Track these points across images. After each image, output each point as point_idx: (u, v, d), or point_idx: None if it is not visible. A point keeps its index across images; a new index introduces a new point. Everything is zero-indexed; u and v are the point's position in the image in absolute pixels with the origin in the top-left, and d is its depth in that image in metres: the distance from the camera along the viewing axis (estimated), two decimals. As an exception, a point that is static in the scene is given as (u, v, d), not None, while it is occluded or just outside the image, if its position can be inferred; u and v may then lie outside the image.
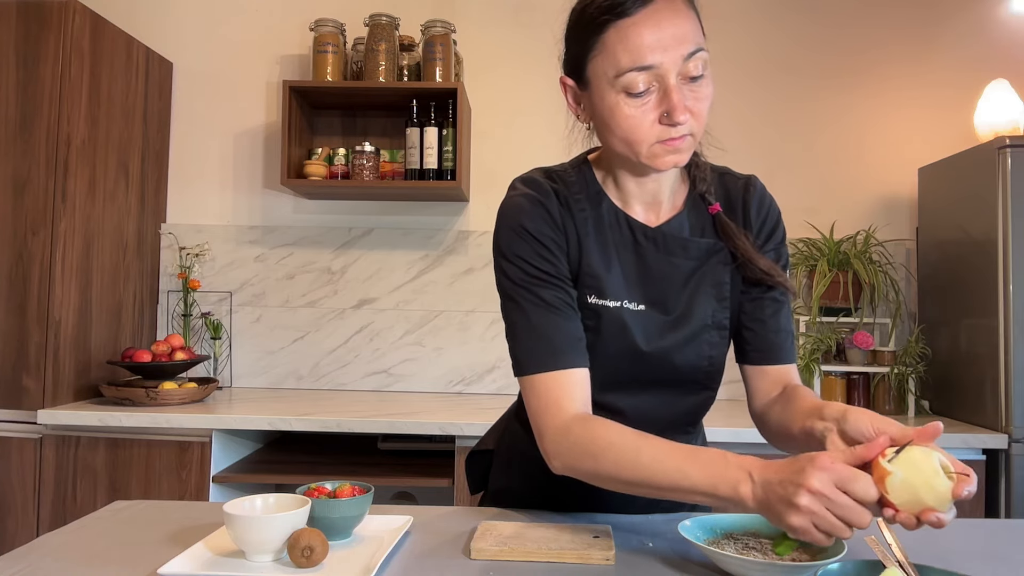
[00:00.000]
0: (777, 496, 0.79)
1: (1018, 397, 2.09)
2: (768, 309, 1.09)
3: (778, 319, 1.09)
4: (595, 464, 0.92)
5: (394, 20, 2.54)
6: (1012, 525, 1.16)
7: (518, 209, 1.03)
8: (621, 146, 0.97)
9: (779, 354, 1.09)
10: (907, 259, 2.71)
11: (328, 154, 2.64)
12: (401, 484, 2.36)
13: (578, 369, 0.99)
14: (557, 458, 0.96)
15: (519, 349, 1.01)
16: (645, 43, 0.91)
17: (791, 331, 1.11)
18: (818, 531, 0.77)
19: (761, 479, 0.81)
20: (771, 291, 1.09)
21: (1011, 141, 2.13)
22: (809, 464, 0.78)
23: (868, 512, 0.76)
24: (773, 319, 1.09)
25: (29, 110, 2.24)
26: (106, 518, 1.07)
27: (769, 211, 1.11)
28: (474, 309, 2.76)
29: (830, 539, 0.77)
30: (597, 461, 0.92)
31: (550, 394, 0.98)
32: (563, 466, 0.96)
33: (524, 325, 1.01)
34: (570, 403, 0.97)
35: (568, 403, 0.97)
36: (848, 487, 0.76)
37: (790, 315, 1.12)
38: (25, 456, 2.17)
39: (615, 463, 0.90)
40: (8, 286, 2.22)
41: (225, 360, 2.77)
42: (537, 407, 0.99)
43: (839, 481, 0.76)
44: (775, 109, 2.76)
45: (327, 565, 0.87)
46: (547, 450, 0.97)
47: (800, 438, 0.94)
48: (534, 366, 0.99)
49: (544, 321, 0.99)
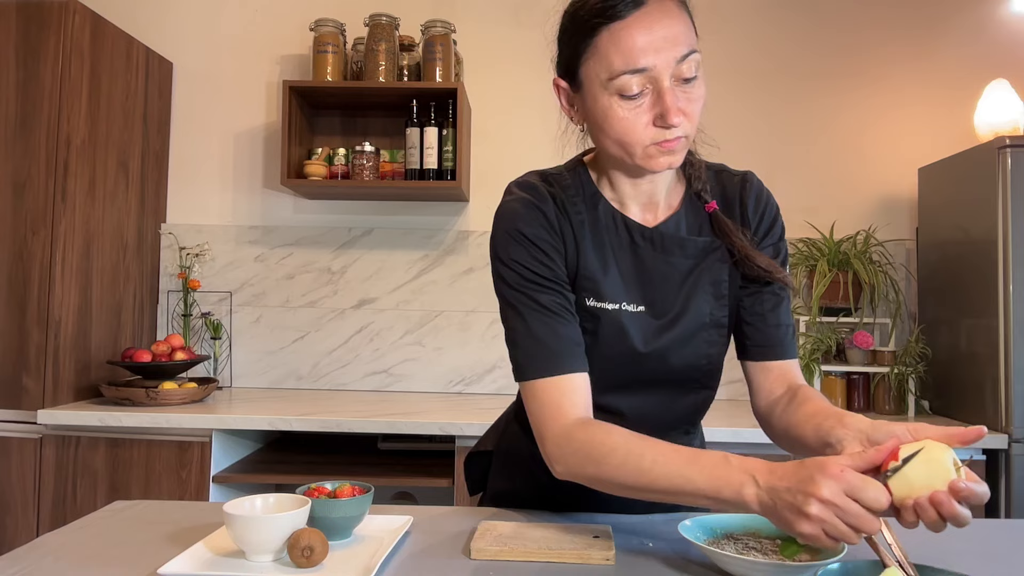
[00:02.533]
0: (786, 504, 0.78)
1: (1018, 397, 2.09)
2: (767, 303, 1.09)
3: (778, 313, 1.09)
4: (597, 469, 0.92)
5: (394, 20, 2.54)
6: (1012, 525, 1.16)
7: (514, 214, 1.03)
8: (615, 148, 0.97)
9: (780, 349, 1.09)
10: (907, 259, 2.71)
11: (328, 154, 2.64)
12: (401, 484, 2.36)
13: (578, 373, 0.99)
14: (559, 463, 0.96)
15: (519, 354, 1.01)
16: (638, 46, 0.91)
17: (791, 325, 1.11)
18: (827, 538, 0.76)
19: (767, 485, 0.80)
20: (770, 285, 1.08)
21: (1011, 141, 2.13)
22: (818, 472, 0.77)
23: (878, 519, 0.75)
24: (773, 313, 1.09)
25: (29, 110, 2.24)
26: (106, 518, 1.07)
27: (767, 206, 1.10)
28: (474, 309, 2.76)
29: (839, 544, 0.77)
30: (599, 466, 0.91)
31: (551, 399, 0.98)
32: (565, 471, 0.96)
33: (523, 330, 1.00)
34: (571, 408, 0.97)
35: (569, 408, 0.97)
36: (858, 495, 0.75)
37: (790, 310, 1.11)
38: (25, 456, 2.17)
39: (617, 468, 0.90)
40: (8, 286, 2.22)
41: (225, 360, 2.77)
42: (538, 412, 0.99)
43: (849, 490, 0.75)
44: (775, 109, 2.76)
45: (327, 565, 0.87)
46: (549, 455, 0.97)
47: (814, 443, 0.92)
48: (535, 371, 0.99)
49: (543, 326, 0.99)
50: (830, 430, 0.90)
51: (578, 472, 0.94)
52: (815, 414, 0.96)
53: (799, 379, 1.09)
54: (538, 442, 0.99)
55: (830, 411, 0.94)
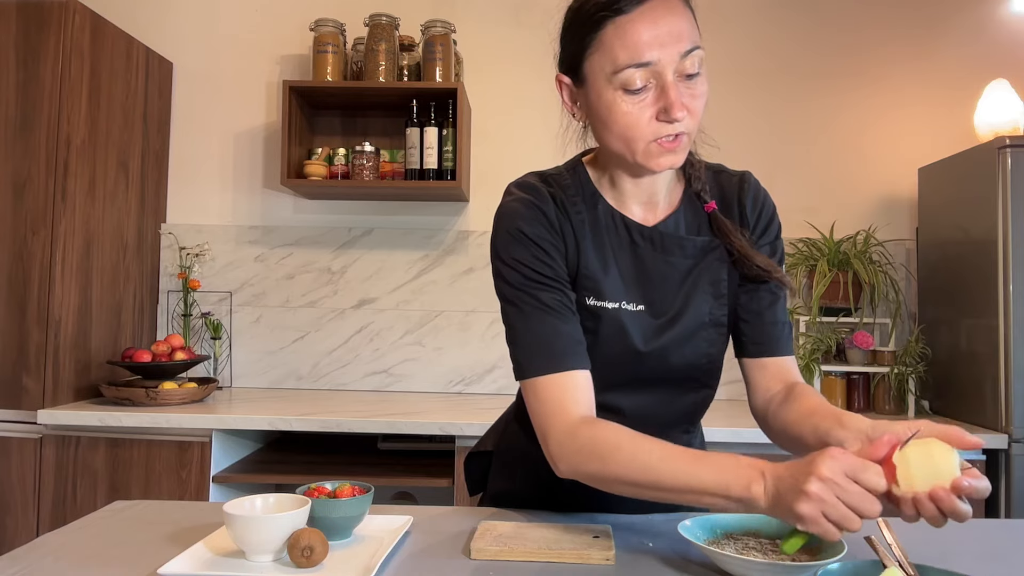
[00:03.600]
0: (787, 486, 0.78)
1: (1018, 397, 2.09)
2: (764, 301, 1.09)
3: (775, 311, 1.09)
4: (602, 466, 0.91)
5: (394, 20, 2.54)
6: (1012, 525, 1.16)
7: (515, 213, 1.03)
8: (618, 143, 0.97)
9: (776, 346, 1.09)
10: (907, 259, 2.71)
11: (328, 154, 2.64)
12: (401, 484, 2.36)
13: (580, 371, 0.99)
14: (563, 460, 0.95)
15: (520, 353, 1.01)
16: (643, 40, 0.91)
17: (788, 323, 1.11)
18: (827, 521, 0.76)
19: (773, 475, 0.81)
20: (767, 283, 1.09)
21: (1011, 141, 2.13)
22: (819, 455, 0.78)
23: (877, 502, 0.76)
24: (769, 311, 1.09)
25: (29, 110, 2.24)
26: (106, 518, 1.07)
27: (764, 206, 1.11)
28: (474, 309, 2.76)
29: (839, 532, 0.76)
30: (604, 463, 0.91)
31: (554, 397, 0.97)
32: (568, 469, 0.95)
33: (524, 328, 1.00)
34: (574, 406, 0.97)
35: (572, 406, 0.97)
36: (858, 476, 0.76)
37: (786, 308, 1.12)
38: (25, 456, 2.17)
39: (623, 464, 0.90)
40: (8, 286, 2.22)
41: (225, 360, 2.77)
42: (541, 410, 0.98)
43: (849, 469, 0.76)
44: (775, 109, 2.76)
45: (327, 565, 0.87)
46: (552, 453, 0.96)
47: (813, 443, 0.93)
48: (536, 369, 0.98)
49: (544, 324, 0.99)
50: (828, 431, 0.90)
51: (582, 469, 0.93)
52: (812, 413, 0.96)
53: (796, 377, 1.09)
54: (540, 440, 0.99)
55: (827, 411, 0.95)
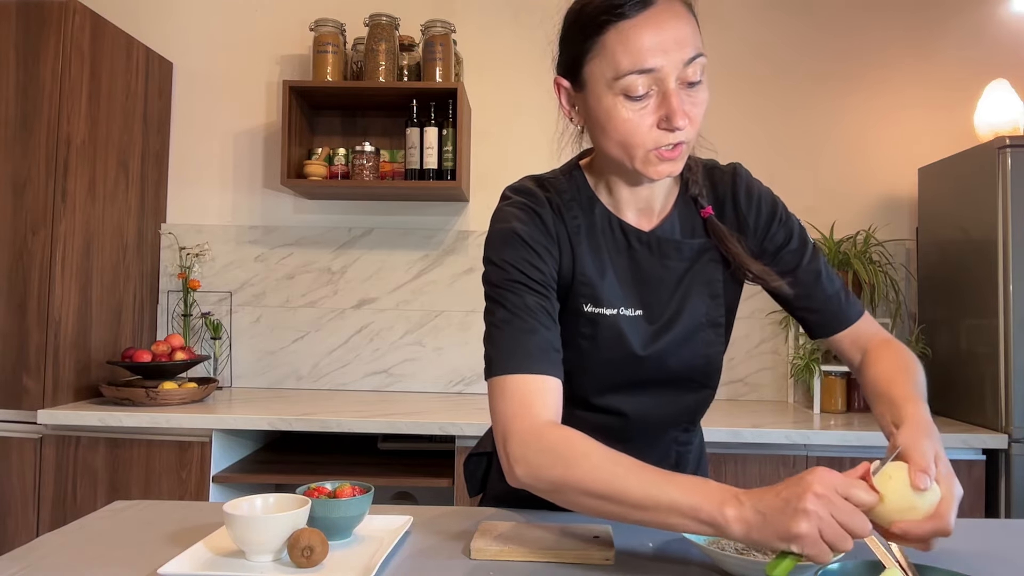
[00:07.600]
0: (777, 508, 0.76)
1: (1018, 397, 2.09)
2: (808, 281, 1.09)
3: (822, 286, 1.10)
4: (566, 471, 0.86)
5: (394, 20, 2.54)
6: (1012, 525, 1.16)
7: (511, 216, 1.02)
8: (616, 149, 0.96)
9: (839, 320, 1.11)
10: (907, 259, 2.71)
11: (328, 154, 2.64)
12: (401, 484, 2.36)
13: (552, 378, 0.94)
14: (522, 463, 0.89)
15: (494, 350, 0.96)
16: (646, 46, 0.89)
17: (840, 287, 1.11)
18: (823, 541, 0.75)
19: (753, 501, 0.78)
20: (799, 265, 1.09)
21: (1011, 141, 2.13)
22: (808, 474, 0.79)
23: (867, 520, 0.76)
24: (818, 288, 1.10)
25: (29, 110, 2.24)
26: (106, 518, 1.07)
27: (759, 197, 1.10)
28: (474, 309, 2.76)
29: (832, 554, 0.75)
30: (569, 468, 0.85)
31: (521, 396, 0.92)
32: (527, 473, 0.89)
33: (503, 327, 0.97)
34: (543, 408, 0.92)
35: (540, 409, 0.92)
36: (848, 492, 0.76)
37: (831, 273, 1.12)
38: (25, 456, 2.17)
39: (589, 472, 0.85)
40: (8, 286, 2.22)
41: (225, 360, 2.77)
42: (505, 410, 0.92)
43: (839, 486, 0.77)
44: (775, 110, 2.76)
45: (327, 565, 0.87)
46: (511, 454, 0.90)
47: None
48: (507, 367, 0.94)
49: (524, 325, 0.96)
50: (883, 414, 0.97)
51: (543, 474, 0.88)
52: (877, 396, 1.00)
53: (867, 339, 1.11)
54: (498, 442, 0.93)
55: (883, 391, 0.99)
